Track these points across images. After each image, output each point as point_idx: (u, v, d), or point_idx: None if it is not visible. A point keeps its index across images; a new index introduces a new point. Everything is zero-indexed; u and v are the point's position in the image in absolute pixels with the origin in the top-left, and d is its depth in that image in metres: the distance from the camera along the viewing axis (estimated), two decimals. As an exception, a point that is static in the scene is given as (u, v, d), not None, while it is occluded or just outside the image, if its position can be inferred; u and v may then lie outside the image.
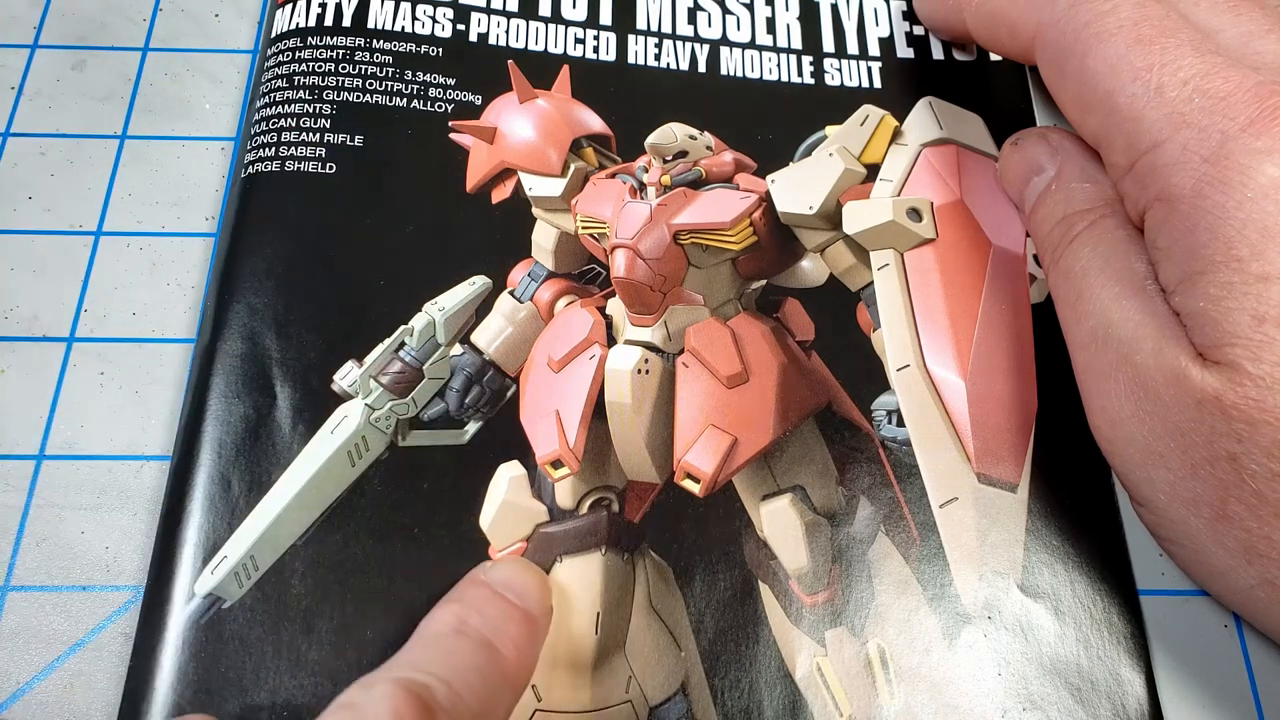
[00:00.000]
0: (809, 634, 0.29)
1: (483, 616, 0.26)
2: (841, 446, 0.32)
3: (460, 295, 0.33)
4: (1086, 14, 0.28)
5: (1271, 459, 0.24)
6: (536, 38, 0.38)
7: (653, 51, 0.39)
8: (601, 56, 0.38)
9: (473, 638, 0.26)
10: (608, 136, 0.36)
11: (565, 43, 0.38)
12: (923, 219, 0.32)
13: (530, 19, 0.39)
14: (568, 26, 0.39)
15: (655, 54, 0.39)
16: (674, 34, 0.39)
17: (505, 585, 0.28)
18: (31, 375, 0.34)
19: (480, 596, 0.27)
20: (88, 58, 0.39)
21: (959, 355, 0.31)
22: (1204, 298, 0.25)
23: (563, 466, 0.31)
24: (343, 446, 0.31)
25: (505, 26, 0.38)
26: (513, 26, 0.39)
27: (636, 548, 0.31)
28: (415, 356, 0.33)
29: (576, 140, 0.36)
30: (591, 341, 0.32)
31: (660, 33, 0.39)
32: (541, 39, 0.38)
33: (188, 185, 0.37)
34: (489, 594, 0.27)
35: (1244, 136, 0.25)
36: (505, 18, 0.39)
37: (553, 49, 0.38)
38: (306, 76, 0.36)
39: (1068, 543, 0.30)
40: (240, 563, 0.29)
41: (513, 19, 0.39)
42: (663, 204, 0.33)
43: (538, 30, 0.39)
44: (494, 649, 0.26)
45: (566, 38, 0.38)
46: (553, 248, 0.35)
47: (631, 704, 0.29)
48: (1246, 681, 0.30)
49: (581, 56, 0.38)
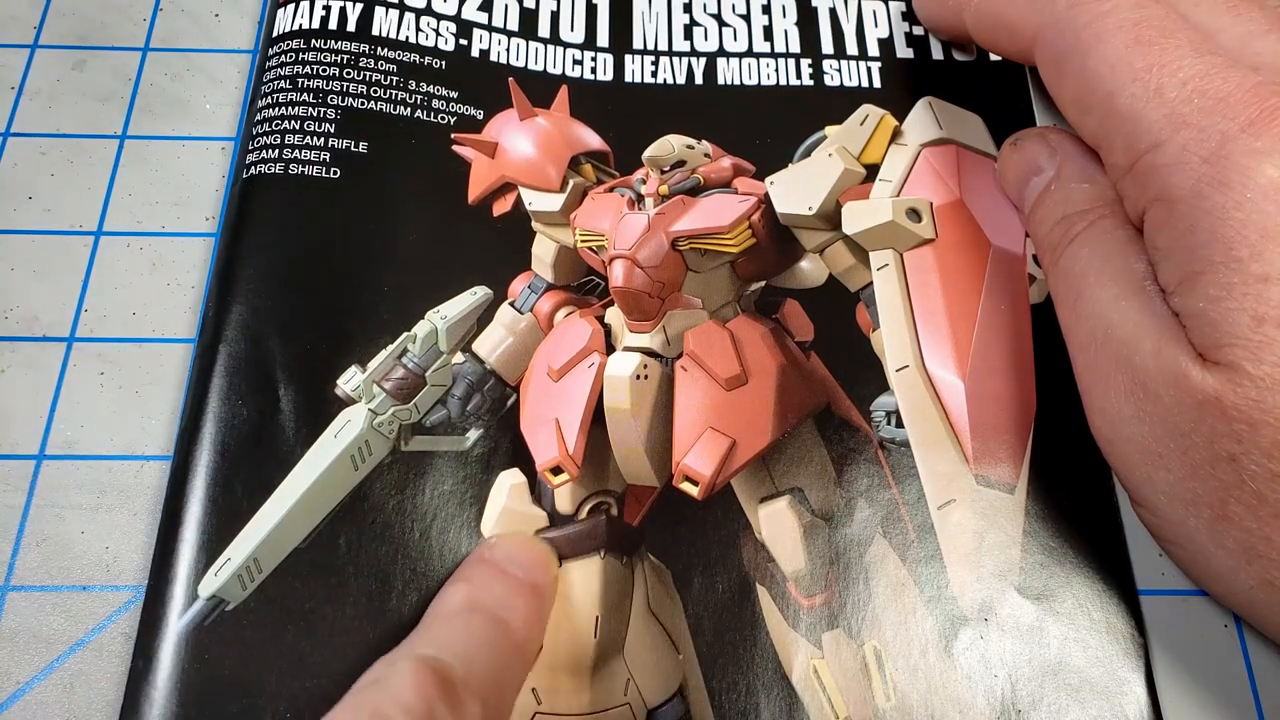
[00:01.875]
0: (806, 636, 0.29)
1: (491, 593, 0.28)
2: (840, 448, 0.32)
3: (462, 304, 0.34)
4: (1086, 15, 0.28)
5: (1271, 460, 0.24)
6: (536, 57, 0.39)
7: (649, 69, 0.39)
8: (599, 76, 0.38)
9: (483, 614, 0.27)
10: (606, 153, 0.37)
11: (564, 63, 0.39)
12: (922, 219, 0.32)
13: (530, 39, 0.39)
14: (566, 48, 0.39)
15: (652, 71, 0.39)
16: (670, 50, 0.39)
17: (510, 560, 0.29)
18: (31, 375, 0.34)
19: (487, 573, 0.29)
20: (88, 58, 0.39)
21: (958, 356, 0.31)
22: (1203, 298, 0.25)
23: (562, 473, 0.31)
24: (346, 451, 0.31)
25: (506, 44, 0.39)
26: (513, 45, 0.39)
27: (635, 551, 0.31)
28: (418, 363, 0.33)
29: (575, 157, 0.36)
30: (590, 350, 0.32)
31: (657, 50, 0.39)
32: (541, 59, 0.39)
33: (188, 185, 0.37)
34: (495, 570, 0.29)
35: (1243, 137, 0.25)
36: (506, 36, 0.39)
37: (552, 69, 0.38)
38: (310, 79, 0.36)
39: (1066, 543, 0.30)
40: (244, 565, 0.29)
41: (513, 38, 0.39)
42: (660, 213, 0.33)
43: (537, 50, 0.39)
44: (504, 623, 0.27)
45: (565, 58, 0.39)
46: (552, 261, 0.35)
47: (630, 706, 0.29)
48: (1246, 681, 0.30)
49: (579, 77, 0.38)
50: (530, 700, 0.29)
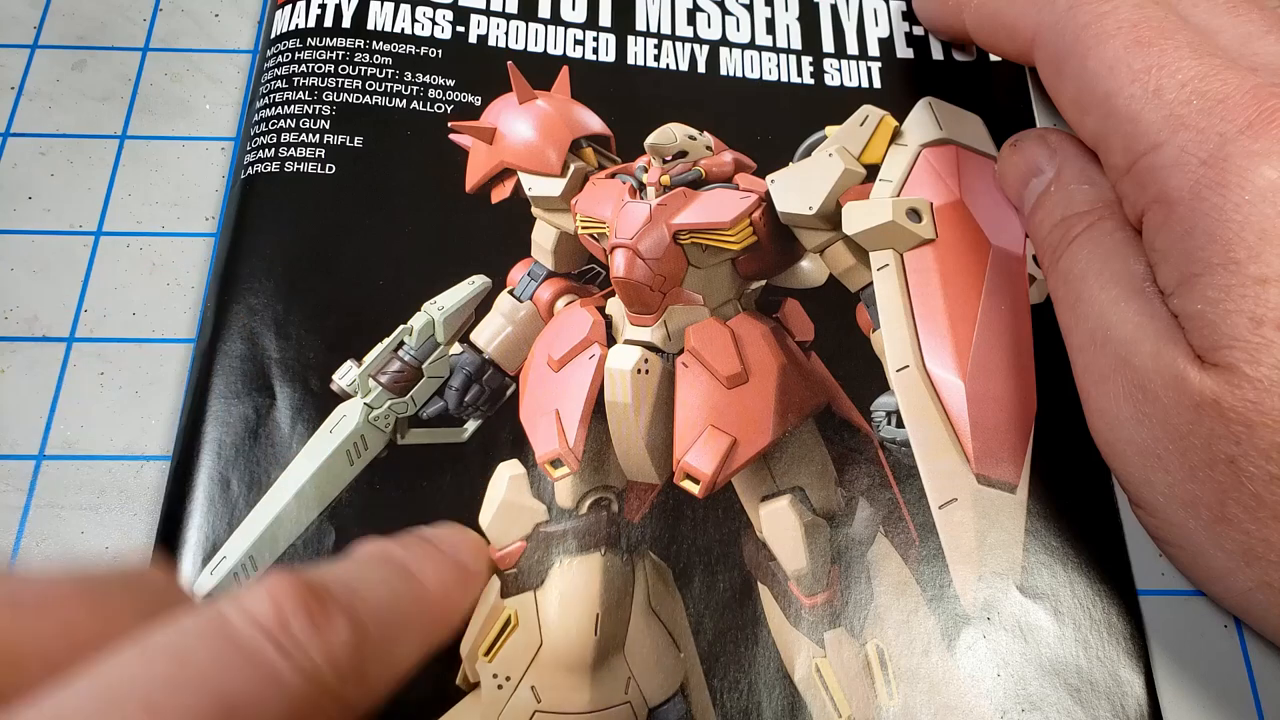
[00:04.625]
0: (808, 635, 0.29)
1: (407, 551, 0.26)
2: (841, 447, 0.32)
3: (459, 294, 0.33)
4: (1085, 15, 0.28)
5: (1269, 461, 0.24)
6: (536, 39, 0.38)
7: (652, 52, 0.39)
8: (601, 57, 0.38)
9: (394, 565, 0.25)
10: (607, 137, 0.36)
11: (565, 44, 0.38)
12: (922, 219, 0.32)
13: (529, 20, 0.39)
14: (567, 28, 0.39)
15: (655, 54, 0.39)
16: (673, 35, 0.39)
17: (437, 538, 0.28)
18: (31, 375, 0.34)
19: (410, 540, 0.27)
20: (88, 58, 0.39)
21: (958, 356, 0.31)
22: (1202, 300, 0.25)
23: (562, 466, 0.31)
24: (342, 445, 0.31)
25: (505, 28, 0.38)
26: (512, 28, 0.39)
27: (636, 548, 0.31)
28: (414, 355, 0.33)
29: (576, 140, 0.36)
30: (591, 341, 0.32)
31: (660, 33, 0.39)
32: (541, 40, 0.38)
33: (188, 185, 0.37)
34: (419, 539, 0.27)
35: (1242, 139, 0.25)
36: (504, 19, 0.39)
37: (552, 50, 0.38)
38: (306, 77, 0.36)
39: (1067, 543, 0.30)
40: (239, 563, 0.29)
41: (512, 20, 0.39)
42: (662, 204, 0.33)
43: (537, 31, 0.39)
44: (412, 575, 0.25)
45: (566, 39, 0.38)
46: (552, 247, 0.35)
47: (630, 705, 0.29)
48: (1246, 681, 0.30)
49: (581, 57, 0.38)
50: (530, 698, 0.29)
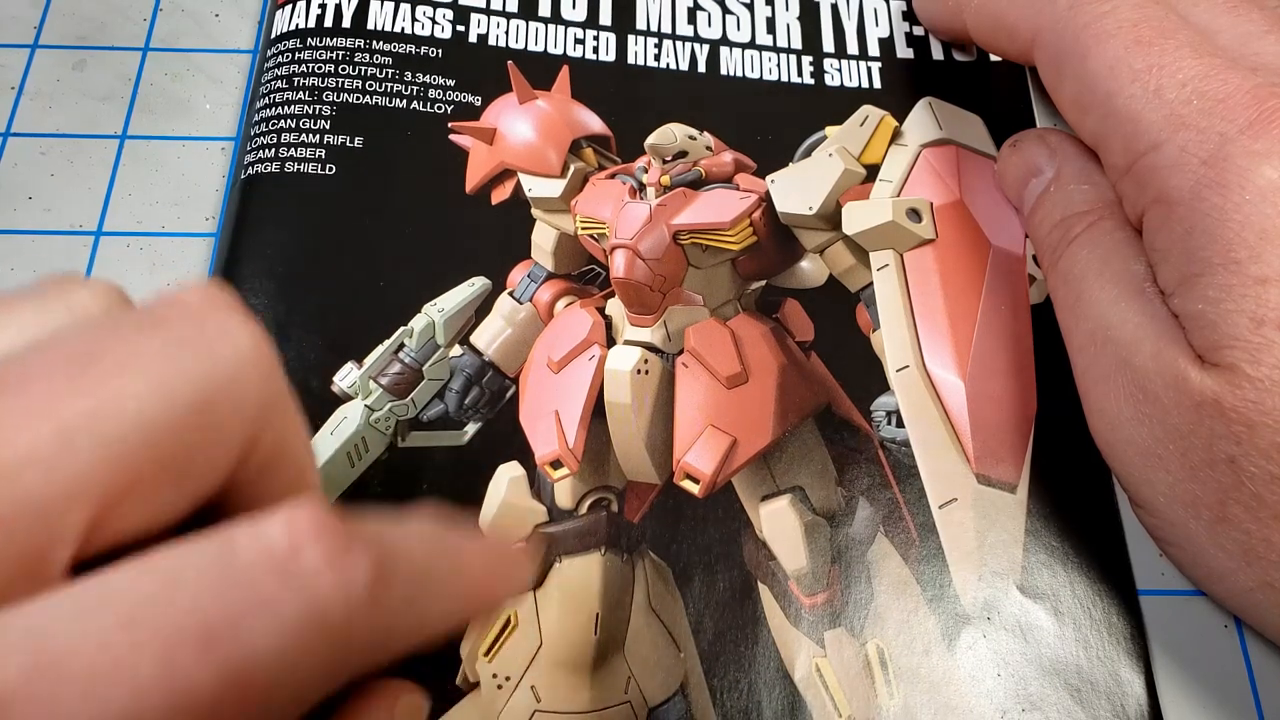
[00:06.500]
0: (808, 635, 0.29)
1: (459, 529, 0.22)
2: (841, 447, 0.32)
3: (460, 296, 0.33)
4: (1085, 15, 0.28)
5: (1270, 461, 0.24)
6: (536, 38, 0.38)
7: (652, 52, 0.39)
8: (601, 57, 0.38)
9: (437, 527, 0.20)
10: (607, 137, 0.36)
11: (565, 43, 0.38)
12: (922, 219, 0.32)
13: (530, 19, 0.39)
14: (567, 27, 0.39)
15: (655, 54, 0.39)
16: (674, 34, 0.39)
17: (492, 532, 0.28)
18: (32, 376, 0.34)
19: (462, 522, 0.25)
20: (88, 58, 0.39)
21: (958, 356, 0.31)
22: (1202, 300, 0.25)
23: (562, 467, 0.31)
24: (342, 448, 0.31)
25: (505, 27, 0.38)
26: (512, 27, 0.39)
27: (636, 548, 0.31)
28: (414, 358, 0.33)
29: (576, 141, 0.36)
30: (591, 342, 0.32)
31: (660, 33, 0.39)
32: (541, 39, 0.38)
33: (188, 185, 0.37)
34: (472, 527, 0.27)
35: (1242, 139, 0.25)
36: (505, 18, 0.39)
37: (552, 49, 0.38)
38: (306, 78, 0.36)
39: (1067, 543, 0.30)
40: None
41: (512, 19, 0.39)
42: (662, 204, 0.33)
43: (537, 31, 0.39)
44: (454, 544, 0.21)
45: (566, 38, 0.38)
46: (552, 248, 0.35)
47: (630, 705, 0.29)
48: (1246, 681, 0.30)
49: (581, 57, 0.38)
50: (530, 698, 0.29)
